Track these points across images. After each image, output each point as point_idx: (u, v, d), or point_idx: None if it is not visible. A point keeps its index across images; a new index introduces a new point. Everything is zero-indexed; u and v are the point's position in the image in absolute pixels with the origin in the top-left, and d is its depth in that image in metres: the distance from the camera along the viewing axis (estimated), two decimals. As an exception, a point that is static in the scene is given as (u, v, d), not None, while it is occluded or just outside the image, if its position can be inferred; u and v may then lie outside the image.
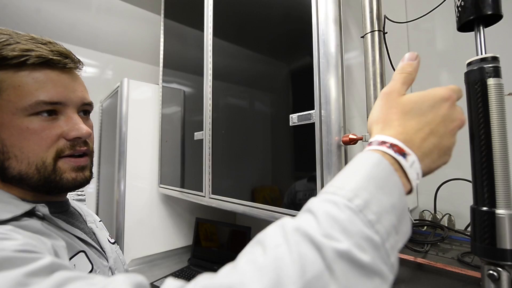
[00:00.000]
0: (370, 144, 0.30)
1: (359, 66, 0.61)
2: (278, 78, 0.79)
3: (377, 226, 0.24)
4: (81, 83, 0.48)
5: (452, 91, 0.32)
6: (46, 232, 0.39)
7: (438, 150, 0.30)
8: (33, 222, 0.39)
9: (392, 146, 0.29)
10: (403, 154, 0.28)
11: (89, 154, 0.48)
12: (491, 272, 0.37)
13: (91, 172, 0.48)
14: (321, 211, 0.24)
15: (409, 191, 0.29)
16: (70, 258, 0.41)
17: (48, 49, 0.42)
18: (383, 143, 0.29)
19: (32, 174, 0.41)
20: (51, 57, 0.42)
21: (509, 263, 0.36)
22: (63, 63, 0.43)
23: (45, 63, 0.42)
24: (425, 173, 0.30)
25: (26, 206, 0.40)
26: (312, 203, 0.26)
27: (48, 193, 0.45)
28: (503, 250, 0.36)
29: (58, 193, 0.47)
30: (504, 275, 0.37)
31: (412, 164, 0.28)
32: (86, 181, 0.46)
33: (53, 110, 0.42)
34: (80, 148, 0.45)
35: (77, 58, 0.46)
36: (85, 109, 0.48)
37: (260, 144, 0.83)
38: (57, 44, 0.45)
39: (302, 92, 0.69)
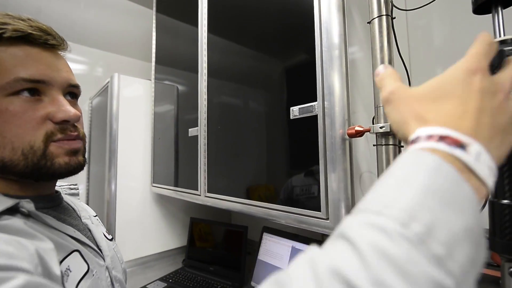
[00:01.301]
0: (413, 142, 0.23)
1: (364, 60, 0.59)
2: (278, 71, 0.76)
3: (449, 264, 0.16)
4: (65, 63, 0.43)
5: (476, 59, 0.25)
6: (30, 233, 0.34)
7: (498, 131, 0.23)
8: (15, 221, 0.34)
9: (442, 138, 0.21)
10: (461, 145, 0.20)
11: (81, 138, 0.44)
12: (512, 269, 0.35)
13: (84, 157, 0.44)
14: (365, 242, 0.17)
15: (486, 197, 0.21)
16: (63, 259, 0.36)
17: (27, 24, 0.38)
18: (429, 137, 0.21)
19: (17, 160, 0.37)
20: (30, 31, 0.38)
21: (532, 259, 0.34)
22: (44, 39, 0.39)
23: (23, 38, 0.38)
24: (497, 164, 0.22)
25: (7, 202, 0.36)
26: (349, 227, 0.19)
27: (36, 181, 0.40)
28: (526, 246, 0.34)
29: (49, 180, 0.42)
30: (527, 273, 0.34)
31: (479, 156, 0.20)
32: (79, 167, 0.42)
33: (35, 89, 0.38)
34: (71, 133, 0.41)
35: (60, 36, 0.42)
36: (71, 91, 0.44)
37: (259, 139, 0.80)
38: (37, 21, 0.40)
39: (304, 83, 0.66)
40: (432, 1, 0.55)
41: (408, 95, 0.26)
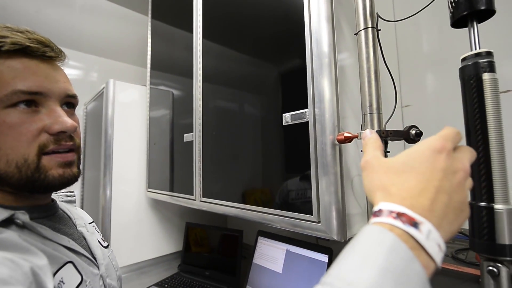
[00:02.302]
0: (375, 214, 0.26)
1: (353, 67, 0.61)
2: (270, 78, 0.78)
3: None
4: (63, 74, 0.44)
5: (444, 140, 0.28)
6: (24, 247, 0.34)
7: (452, 209, 0.26)
8: (9, 235, 0.34)
9: (399, 215, 0.24)
10: (414, 224, 0.23)
11: (75, 149, 0.44)
12: (490, 268, 0.37)
13: (78, 169, 0.45)
14: None
15: (434, 270, 0.24)
16: (57, 271, 0.37)
17: (25, 36, 0.39)
18: (389, 212, 0.25)
19: (11, 173, 0.37)
20: (28, 44, 0.39)
21: (508, 258, 0.36)
22: (42, 51, 0.40)
23: (21, 51, 0.39)
24: (446, 240, 0.25)
25: (3, 214, 0.36)
26: None
27: (31, 193, 0.41)
28: (502, 245, 0.36)
29: (43, 193, 0.43)
30: (504, 271, 0.36)
31: (429, 234, 0.23)
32: (74, 178, 0.43)
33: (32, 101, 0.39)
34: (65, 143, 0.41)
35: (58, 48, 0.43)
36: (69, 102, 0.45)
37: (252, 145, 0.82)
38: (36, 33, 0.41)
39: (295, 91, 0.68)
40: (417, 13, 0.57)
41: (380, 165, 0.30)
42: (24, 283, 0.29)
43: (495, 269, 0.37)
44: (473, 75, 0.38)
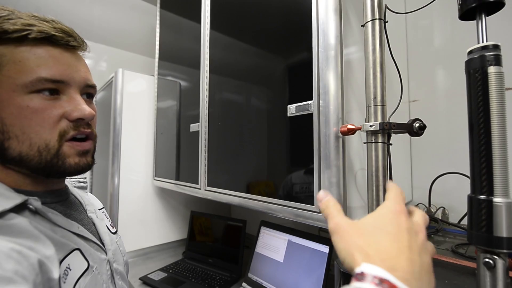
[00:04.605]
0: (357, 278, 0.25)
1: (360, 61, 0.61)
2: (276, 70, 0.78)
3: None
4: (84, 64, 0.46)
5: (399, 203, 0.31)
6: (34, 235, 0.35)
7: (425, 271, 0.27)
8: (21, 221, 0.36)
9: (382, 282, 0.24)
10: None
11: (92, 138, 0.46)
12: (487, 260, 0.38)
13: (93, 158, 0.47)
14: None
15: None
16: (64, 258, 0.38)
17: (51, 26, 0.41)
18: (373, 278, 0.25)
19: (32, 156, 0.39)
20: (53, 33, 0.40)
21: (505, 251, 0.36)
22: (66, 40, 0.42)
23: (47, 39, 0.40)
24: None
25: (16, 199, 0.38)
26: None
27: (47, 177, 0.43)
28: (499, 238, 0.36)
29: (58, 177, 0.45)
30: (500, 263, 0.37)
31: None
32: (88, 167, 0.45)
33: (55, 89, 0.41)
34: (84, 129, 0.43)
35: (81, 38, 0.45)
36: (88, 92, 0.46)
37: (258, 135, 0.83)
38: (60, 22, 0.43)
39: (301, 82, 0.68)
40: (426, 5, 0.57)
41: (352, 228, 0.31)
42: (29, 276, 0.31)
43: (491, 261, 0.37)
44: (479, 68, 0.38)
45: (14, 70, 0.38)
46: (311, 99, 0.64)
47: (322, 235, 0.96)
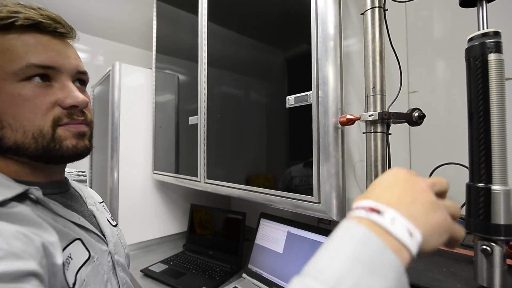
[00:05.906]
0: (352, 210, 0.28)
1: (359, 53, 0.60)
2: (275, 61, 0.77)
3: None
4: (74, 51, 0.45)
5: (432, 182, 0.30)
6: (37, 222, 0.36)
7: (421, 204, 0.27)
8: (24, 209, 0.36)
9: (368, 209, 0.25)
10: (378, 212, 0.25)
11: (88, 124, 0.46)
12: (484, 247, 0.38)
13: (90, 142, 0.47)
14: None
15: (411, 258, 0.24)
16: (65, 247, 0.38)
17: (37, 12, 0.40)
18: (361, 208, 0.26)
19: (28, 143, 0.39)
20: (40, 20, 0.40)
21: (502, 238, 0.37)
22: (53, 27, 0.41)
23: (34, 26, 0.40)
24: (428, 232, 0.25)
25: (18, 188, 0.38)
26: (293, 287, 0.23)
27: (47, 163, 0.43)
28: (497, 225, 0.37)
29: (58, 163, 0.44)
30: (497, 250, 0.37)
31: (393, 220, 0.24)
32: (86, 150, 0.45)
33: (46, 75, 0.40)
34: (78, 117, 0.43)
35: (69, 25, 0.44)
36: (80, 78, 0.46)
37: (257, 127, 0.82)
38: (47, 9, 0.42)
39: (299, 73, 0.68)
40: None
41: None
42: (36, 257, 0.31)
43: (488, 248, 0.38)
44: (479, 56, 0.38)
45: (3, 59, 0.38)
46: (310, 89, 0.63)
47: (321, 226, 0.97)
